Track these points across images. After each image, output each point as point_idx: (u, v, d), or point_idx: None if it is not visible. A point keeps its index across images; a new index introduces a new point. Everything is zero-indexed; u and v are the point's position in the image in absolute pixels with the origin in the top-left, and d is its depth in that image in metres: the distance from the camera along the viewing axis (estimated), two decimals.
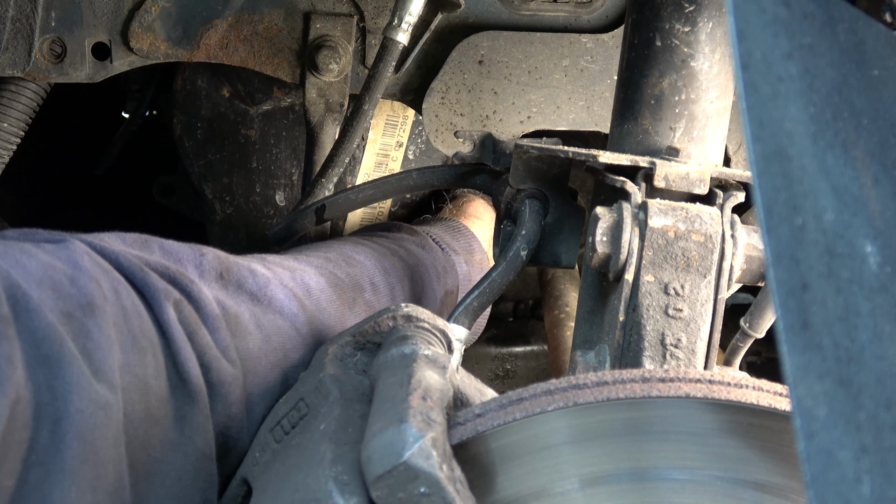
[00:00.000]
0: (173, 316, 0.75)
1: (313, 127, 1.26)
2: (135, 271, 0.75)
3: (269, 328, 0.85)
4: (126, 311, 0.71)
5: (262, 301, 0.87)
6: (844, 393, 0.43)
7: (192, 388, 0.74)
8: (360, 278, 1.03)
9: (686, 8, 0.91)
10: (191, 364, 0.74)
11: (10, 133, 1.26)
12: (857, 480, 0.42)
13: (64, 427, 0.62)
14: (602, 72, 1.23)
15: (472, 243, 1.34)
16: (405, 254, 1.18)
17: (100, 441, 0.64)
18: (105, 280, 0.71)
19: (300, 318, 0.88)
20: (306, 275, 0.95)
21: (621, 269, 0.85)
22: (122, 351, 0.69)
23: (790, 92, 0.46)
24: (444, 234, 1.32)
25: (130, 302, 0.72)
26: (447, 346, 0.77)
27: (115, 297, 0.71)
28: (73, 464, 0.62)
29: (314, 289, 0.94)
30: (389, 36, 1.12)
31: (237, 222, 1.49)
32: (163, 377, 0.72)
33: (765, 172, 0.44)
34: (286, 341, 0.86)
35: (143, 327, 0.72)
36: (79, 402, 0.63)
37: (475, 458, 0.66)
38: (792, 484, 0.67)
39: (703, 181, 0.90)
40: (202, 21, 1.22)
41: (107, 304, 0.69)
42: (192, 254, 0.84)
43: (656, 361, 0.85)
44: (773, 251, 0.43)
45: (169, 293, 0.76)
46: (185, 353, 0.74)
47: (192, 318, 0.77)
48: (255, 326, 0.84)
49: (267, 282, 0.88)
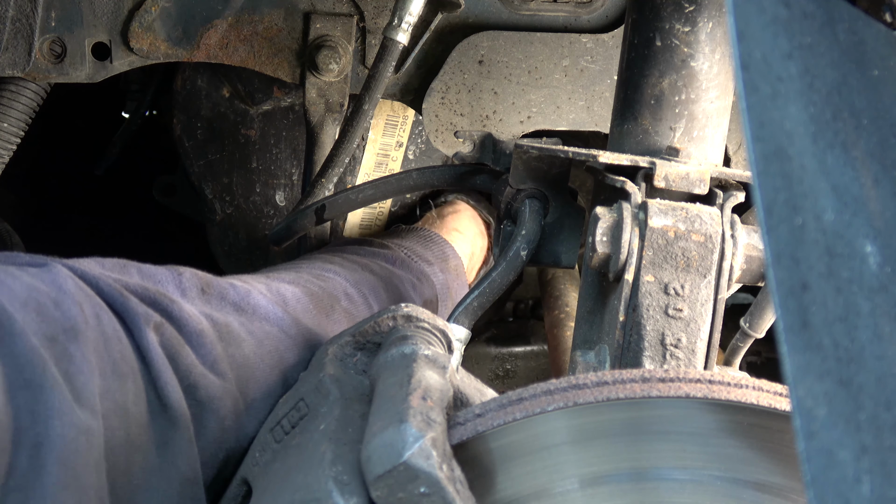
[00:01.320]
0: (154, 340, 0.75)
1: (313, 127, 1.26)
2: (115, 296, 0.75)
3: (259, 334, 0.85)
4: (107, 337, 0.71)
5: (246, 310, 0.87)
6: (844, 393, 0.43)
7: (173, 413, 0.74)
8: (334, 290, 1.04)
9: (686, 8, 0.91)
10: (171, 389, 0.74)
11: (10, 133, 1.26)
12: (857, 480, 0.42)
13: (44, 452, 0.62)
14: (602, 72, 1.23)
15: (446, 250, 1.34)
16: (377, 268, 1.18)
17: (81, 467, 0.64)
18: (87, 305, 0.71)
19: (286, 321, 0.89)
20: (281, 286, 0.95)
21: (621, 269, 0.85)
22: (103, 377, 0.69)
23: (790, 92, 0.46)
24: (415, 245, 1.32)
25: (112, 327, 0.72)
26: (447, 346, 0.77)
27: (96, 322, 0.71)
28: (53, 490, 0.61)
29: (290, 298, 0.94)
30: (389, 36, 1.12)
31: (237, 222, 1.49)
32: (143, 403, 0.72)
33: (765, 172, 0.44)
34: (279, 343, 0.86)
35: (124, 353, 0.72)
36: (60, 427, 0.63)
37: (475, 458, 0.66)
38: (792, 484, 0.67)
39: (703, 181, 0.90)
40: (202, 21, 1.22)
41: (88, 329, 0.69)
42: (170, 274, 0.84)
43: (656, 361, 0.85)
44: (773, 251, 0.43)
45: (149, 317, 0.76)
46: (165, 378, 0.74)
47: (174, 340, 0.77)
48: (246, 333, 0.84)
49: (248, 292, 0.88)
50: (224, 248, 1.52)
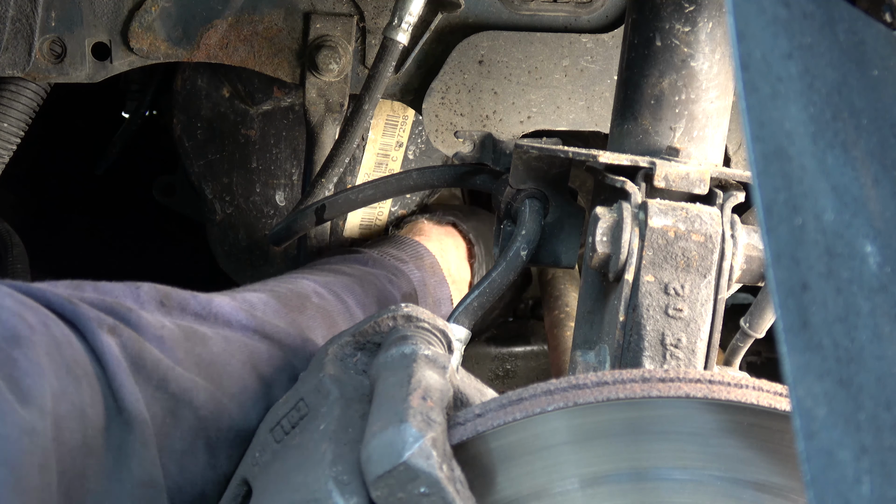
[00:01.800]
0: (108, 342, 0.73)
1: (313, 127, 1.26)
2: (63, 304, 0.73)
3: (225, 334, 0.84)
4: (58, 342, 0.70)
5: (208, 318, 0.86)
6: (844, 393, 0.43)
7: (128, 415, 0.72)
8: (303, 289, 1.03)
9: (686, 8, 0.91)
10: (126, 391, 0.73)
11: (10, 133, 1.26)
12: (856, 480, 0.42)
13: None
14: (602, 72, 1.23)
15: (419, 249, 1.34)
16: (349, 269, 1.18)
17: (27, 467, 0.63)
18: (31, 315, 0.69)
19: (251, 326, 0.87)
20: (247, 294, 0.94)
21: (621, 269, 0.85)
22: (58, 379, 0.68)
23: (790, 92, 0.46)
24: (387, 247, 1.31)
25: (61, 332, 0.71)
26: (447, 346, 0.77)
27: (44, 328, 0.69)
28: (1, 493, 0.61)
29: (257, 303, 0.93)
30: (389, 36, 1.12)
31: (237, 222, 1.49)
32: (100, 406, 0.71)
33: (765, 172, 0.44)
34: (247, 341, 0.85)
35: (77, 357, 0.71)
36: (4, 427, 0.62)
37: (475, 458, 0.66)
38: (792, 484, 0.67)
39: (703, 181, 0.90)
40: (202, 21, 1.22)
41: (34, 335, 0.68)
42: (126, 289, 0.82)
43: (656, 361, 0.85)
44: (773, 251, 0.43)
45: (102, 321, 0.74)
46: (120, 380, 0.72)
47: (134, 341, 0.75)
48: (212, 332, 0.83)
49: (209, 300, 0.87)
50: (224, 248, 1.52)
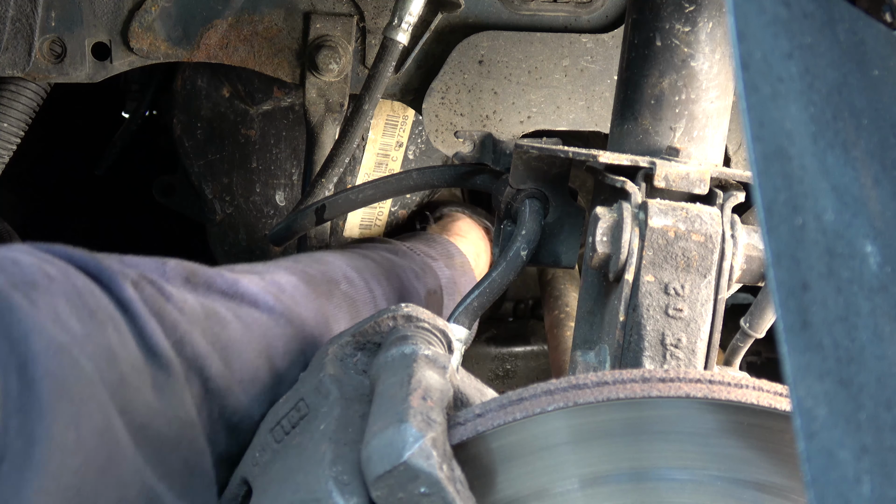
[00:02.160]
0: (133, 294, 0.72)
1: (313, 127, 1.26)
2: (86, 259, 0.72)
3: (247, 319, 0.83)
4: (78, 290, 0.68)
5: (234, 297, 0.84)
6: (845, 393, 0.43)
7: (163, 360, 0.71)
8: (333, 273, 1.02)
9: (686, 8, 0.91)
10: (158, 337, 0.71)
11: (10, 133, 1.26)
12: (857, 480, 0.42)
13: (31, 369, 0.60)
14: (602, 72, 1.23)
15: (450, 249, 1.34)
16: (377, 257, 1.17)
17: (72, 378, 0.62)
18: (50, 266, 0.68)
19: (277, 310, 0.86)
20: (275, 274, 0.93)
21: (621, 269, 0.85)
22: (81, 322, 0.66)
23: (790, 92, 0.46)
24: (417, 243, 1.31)
25: (82, 282, 0.69)
26: (447, 346, 0.77)
27: (64, 277, 0.68)
28: (49, 400, 0.59)
29: (286, 286, 0.92)
30: (389, 36, 1.12)
31: (237, 222, 1.49)
32: (132, 347, 0.69)
33: (765, 172, 0.44)
34: (266, 330, 0.84)
35: (100, 303, 0.69)
36: (39, 342, 0.61)
37: (475, 458, 0.66)
38: (792, 484, 0.67)
39: (703, 181, 0.90)
40: (202, 21, 1.22)
41: (53, 284, 0.66)
42: (152, 263, 0.81)
43: (656, 361, 0.85)
44: (773, 251, 0.43)
45: (126, 274, 0.73)
46: (151, 327, 0.71)
47: (156, 297, 0.74)
48: (233, 316, 0.82)
49: (236, 280, 0.86)
50: (224, 248, 1.52)
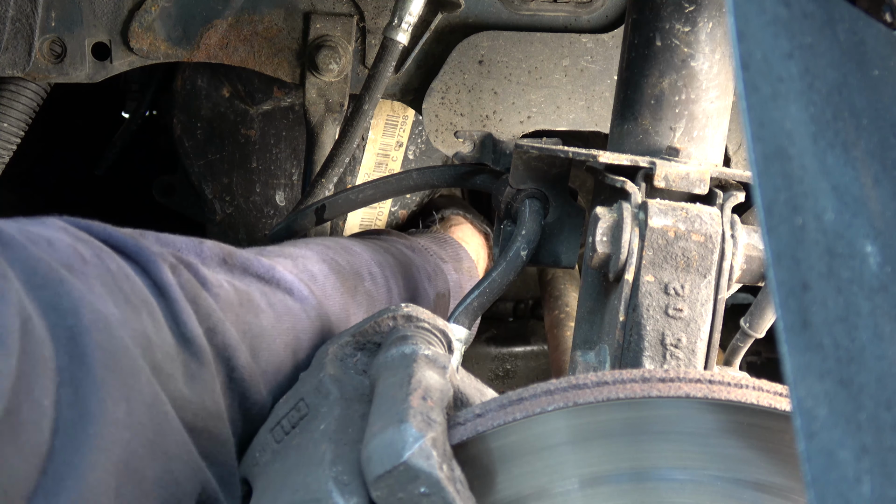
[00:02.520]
0: (171, 278, 0.71)
1: (313, 127, 1.26)
2: (126, 239, 0.71)
3: (280, 308, 0.83)
4: (113, 274, 0.67)
5: (270, 282, 0.85)
6: (845, 393, 0.43)
7: (196, 347, 0.71)
8: (360, 267, 1.02)
9: (686, 8, 0.91)
10: (193, 324, 0.71)
11: (10, 133, 1.26)
12: (857, 480, 0.42)
13: (82, 341, 0.60)
14: (602, 72, 1.23)
15: (460, 252, 1.34)
16: (397, 252, 1.17)
17: (121, 351, 0.62)
18: (85, 248, 0.67)
19: (310, 302, 0.87)
20: (309, 262, 0.93)
21: (621, 269, 0.85)
22: (116, 306, 0.65)
23: (790, 92, 0.46)
24: (431, 243, 1.31)
25: (116, 265, 0.68)
26: (447, 346, 0.77)
27: (98, 260, 0.67)
28: (100, 373, 0.59)
29: (318, 275, 0.92)
30: (389, 36, 1.12)
31: (237, 222, 1.48)
32: (166, 333, 0.69)
33: (765, 172, 0.44)
34: (297, 323, 0.84)
35: (135, 288, 0.68)
36: (89, 314, 0.61)
37: (475, 458, 0.66)
38: (792, 484, 0.67)
39: (703, 181, 0.90)
40: (202, 21, 1.22)
41: (88, 267, 0.66)
42: (190, 242, 0.81)
43: (656, 361, 0.85)
44: (773, 251, 0.43)
45: (165, 257, 0.72)
46: (186, 313, 0.71)
47: (192, 284, 0.74)
48: (266, 304, 0.82)
49: (272, 266, 0.86)
50: None
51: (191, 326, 0.71)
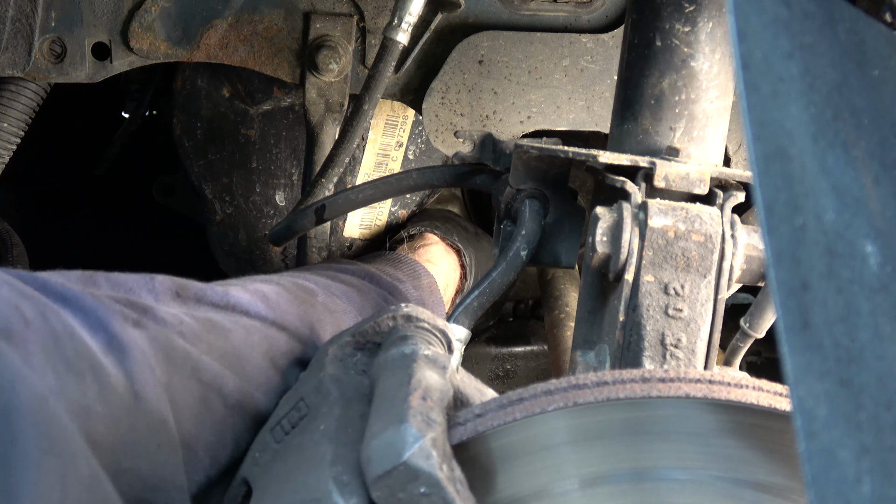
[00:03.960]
0: (133, 336, 0.69)
1: (313, 127, 1.26)
2: (75, 293, 0.69)
3: (244, 323, 0.83)
4: (56, 335, 0.65)
5: (226, 308, 0.84)
6: (845, 393, 0.43)
7: (150, 406, 0.68)
8: (309, 286, 1.02)
9: (686, 8, 0.91)
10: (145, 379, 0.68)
11: (10, 133, 1.26)
12: (857, 480, 0.42)
13: (15, 419, 0.57)
14: (602, 72, 1.23)
15: (416, 269, 1.33)
16: (348, 279, 1.17)
17: (57, 431, 0.59)
18: (29, 306, 0.65)
19: (269, 317, 0.87)
20: (257, 284, 0.93)
21: (621, 269, 0.85)
22: (56, 374, 0.63)
23: (791, 92, 0.46)
24: (384, 266, 1.31)
25: (62, 325, 0.66)
26: (447, 346, 0.77)
27: (41, 321, 0.65)
28: (34, 455, 0.57)
29: (270, 294, 0.92)
30: (389, 36, 1.12)
31: (237, 222, 1.48)
32: (115, 397, 0.66)
33: (765, 172, 0.44)
34: (266, 331, 0.85)
35: (79, 349, 0.66)
36: (25, 392, 0.58)
37: (475, 458, 0.66)
38: (792, 484, 0.67)
39: (703, 181, 0.90)
40: (202, 21, 1.22)
41: (29, 331, 0.63)
42: (141, 280, 0.80)
43: (656, 361, 0.85)
44: (773, 251, 0.43)
45: (127, 315, 0.71)
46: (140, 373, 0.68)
47: (161, 332, 0.72)
48: (230, 324, 0.82)
49: (225, 292, 0.86)
50: (224, 248, 1.52)
51: (143, 384, 0.68)
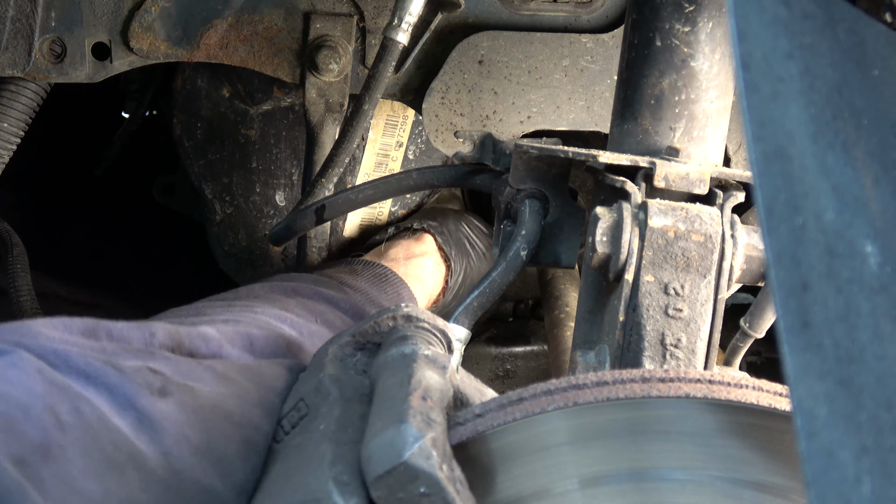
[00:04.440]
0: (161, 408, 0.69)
1: (313, 127, 1.26)
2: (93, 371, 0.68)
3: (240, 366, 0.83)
4: (93, 432, 0.64)
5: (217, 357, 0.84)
6: (845, 393, 0.43)
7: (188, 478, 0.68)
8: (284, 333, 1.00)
9: (686, 8, 0.91)
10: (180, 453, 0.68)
11: (10, 133, 1.26)
12: (857, 480, 0.42)
13: None
14: (602, 72, 1.23)
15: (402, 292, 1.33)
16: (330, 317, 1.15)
17: None
18: (59, 400, 0.64)
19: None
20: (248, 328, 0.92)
21: (621, 269, 0.85)
22: (98, 479, 0.62)
23: (791, 92, 0.46)
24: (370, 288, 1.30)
25: (95, 417, 0.65)
26: (447, 346, 0.77)
27: (76, 418, 0.64)
28: None
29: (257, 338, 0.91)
30: (389, 36, 1.12)
31: (237, 222, 1.49)
32: (153, 485, 0.66)
33: (765, 172, 0.44)
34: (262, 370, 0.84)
35: (116, 440, 0.65)
36: None
37: (475, 458, 0.66)
38: (792, 484, 0.67)
39: (703, 181, 0.90)
40: (202, 21, 1.22)
41: (66, 437, 0.62)
42: (141, 335, 0.78)
43: (656, 361, 0.85)
44: (773, 251, 0.43)
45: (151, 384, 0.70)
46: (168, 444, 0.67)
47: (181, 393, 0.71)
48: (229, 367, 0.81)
49: (220, 346, 0.85)
50: (224, 248, 1.52)
51: (182, 458, 0.68)
